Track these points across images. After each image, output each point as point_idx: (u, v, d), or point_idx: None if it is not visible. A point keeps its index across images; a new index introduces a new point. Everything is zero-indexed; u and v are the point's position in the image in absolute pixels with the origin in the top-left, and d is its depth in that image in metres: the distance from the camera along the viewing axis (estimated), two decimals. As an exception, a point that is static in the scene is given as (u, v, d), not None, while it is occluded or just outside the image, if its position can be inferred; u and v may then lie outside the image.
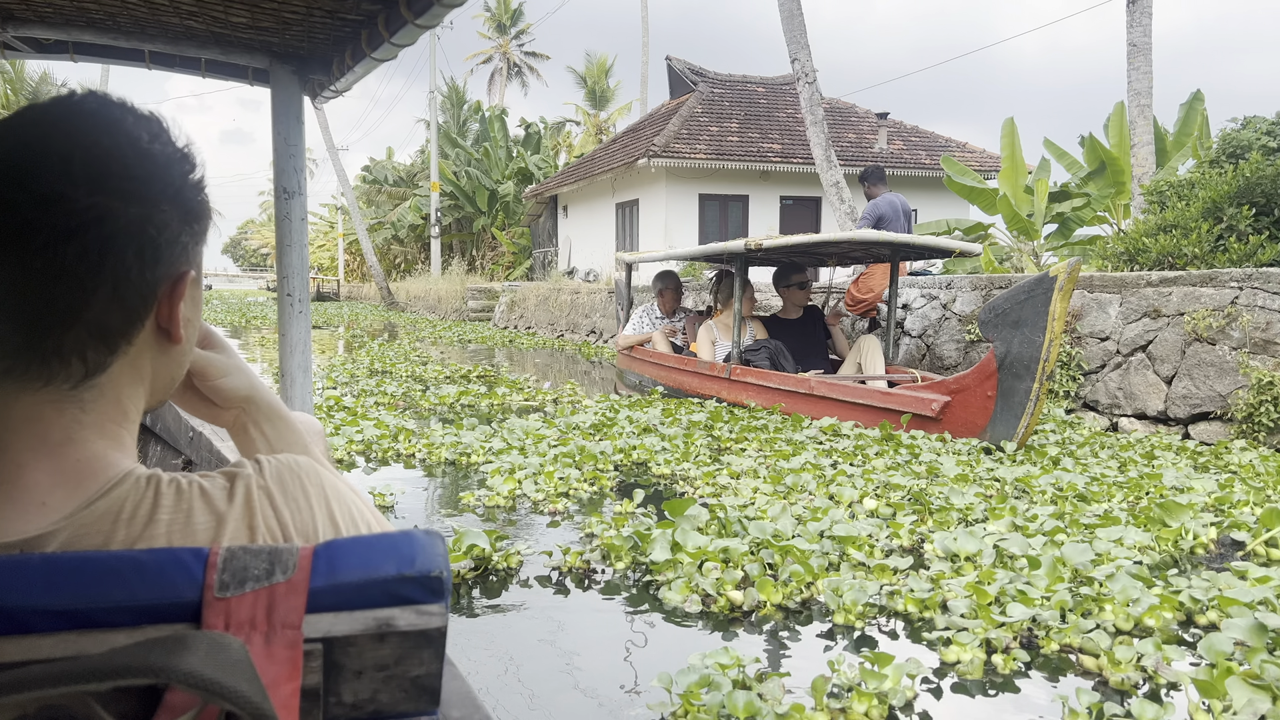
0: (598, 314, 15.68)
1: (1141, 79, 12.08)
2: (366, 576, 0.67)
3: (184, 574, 0.63)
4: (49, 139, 0.68)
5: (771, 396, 7.00)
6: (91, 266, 0.68)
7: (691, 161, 19.90)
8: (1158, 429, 6.34)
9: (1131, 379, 6.58)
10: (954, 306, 8.33)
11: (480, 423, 6.27)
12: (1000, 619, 2.45)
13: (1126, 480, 4.60)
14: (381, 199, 37.17)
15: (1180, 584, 2.90)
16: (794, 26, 14.14)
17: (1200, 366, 6.15)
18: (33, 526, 0.67)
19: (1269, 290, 5.94)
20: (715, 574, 2.87)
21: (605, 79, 40.58)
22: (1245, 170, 8.24)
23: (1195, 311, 6.25)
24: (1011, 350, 5.49)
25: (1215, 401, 6.02)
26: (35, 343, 0.69)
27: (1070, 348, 7.02)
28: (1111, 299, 6.91)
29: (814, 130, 13.99)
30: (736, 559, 3.02)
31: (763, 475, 4.45)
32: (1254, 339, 5.89)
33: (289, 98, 2.50)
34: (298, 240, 2.54)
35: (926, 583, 2.89)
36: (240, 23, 2.22)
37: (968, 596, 2.64)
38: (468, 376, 9.96)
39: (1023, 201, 14.40)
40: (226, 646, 0.59)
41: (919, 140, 22.44)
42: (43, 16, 2.28)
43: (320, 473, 0.78)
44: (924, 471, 4.68)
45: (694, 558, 3.00)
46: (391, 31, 2.03)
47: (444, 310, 25.45)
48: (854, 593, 2.65)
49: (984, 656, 2.35)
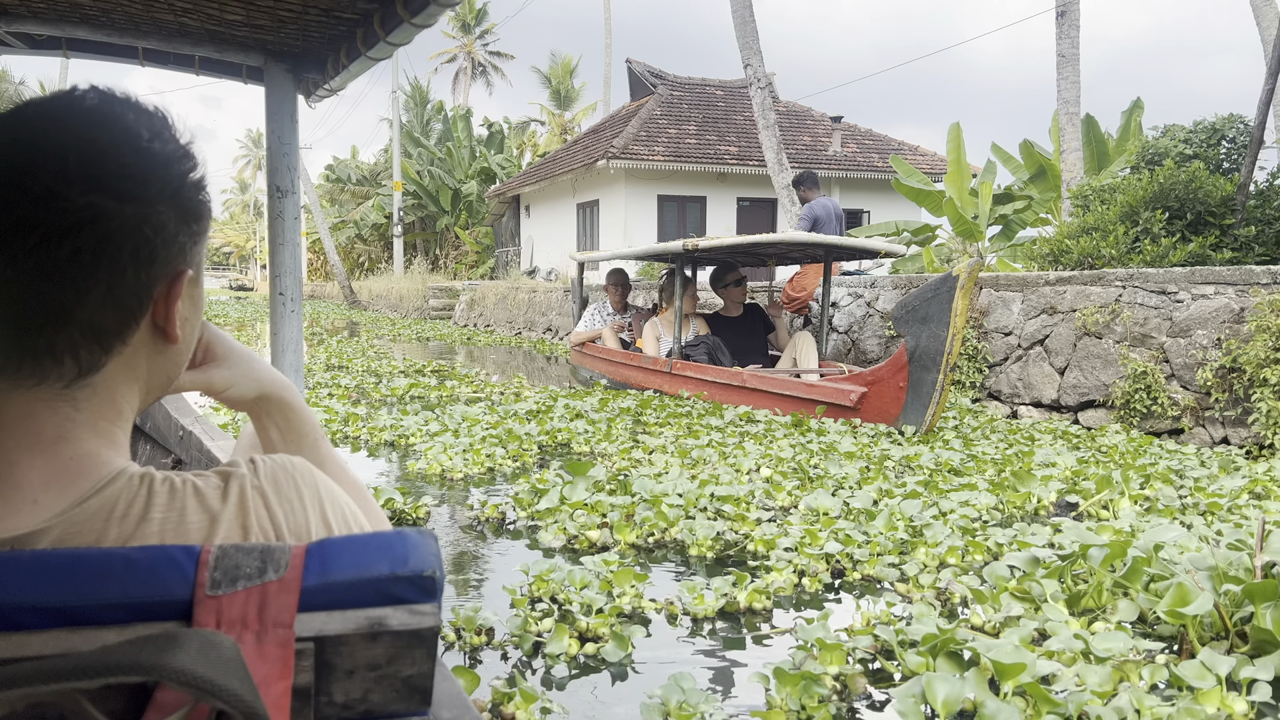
0: (554, 312, 16.19)
1: (1070, 88, 12.76)
2: (359, 575, 0.68)
3: (176, 572, 0.64)
4: (46, 135, 0.68)
5: (708, 388, 7.55)
6: (85, 266, 0.68)
7: (650, 163, 20.47)
8: (1051, 416, 6.97)
9: (1030, 370, 7.21)
10: (877, 304, 8.95)
11: (425, 410, 6.78)
12: (812, 551, 3.02)
13: (1001, 457, 5.20)
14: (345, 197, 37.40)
15: (993, 533, 3.48)
16: (747, 33, 14.63)
17: (1088, 358, 6.79)
18: (24, 524, 0.67)
19: (1148, 289, 6.59)
20: (582, 518, 3.43)
21: (570, 79, 41.10)
22: (1160, 176, 8.92)
23: (1085, 308, 6.88)
24: (920, 344, 6.05)
25: (1100, 390, 6.66)
26: (27, 341, 0.69)
27: (977, 342, 7.64)
28: (1015, 297, 7.55)
29: (766, 134, 14.55)
30: (603, 507, 3.59)
31: (671, 450, 5.00)
32: (1133, 333, 6.53)
33: (283, 96, 2.51)
34: (290, 239, 2.54)
35: (776, 528, 3.46)
36: (235, 20, 2.24)
37: (801, 538, 3.21)
38: (422, 371, 10.44)
39: (967, 204, 15.04)
40: (218, 645, 0.59)
41: (872, 143, 23.16)
42: (36, 13, 2.28)
43: (314, 474, 0.79)
44: (823, 449, 5.25)
45: (573, 507, 3.56)
46: (388, 30, 2.05)
47: (406, 309, 25.84)
48: (705, 530, 3.21)
49: (795, 580, 2.92)
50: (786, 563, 3.01)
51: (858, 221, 21.96)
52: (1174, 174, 8.86)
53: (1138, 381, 6.32)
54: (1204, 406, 6.05)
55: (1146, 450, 5.57)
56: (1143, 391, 6.29)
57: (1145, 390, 6.29)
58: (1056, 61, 12.86)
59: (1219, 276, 6.16)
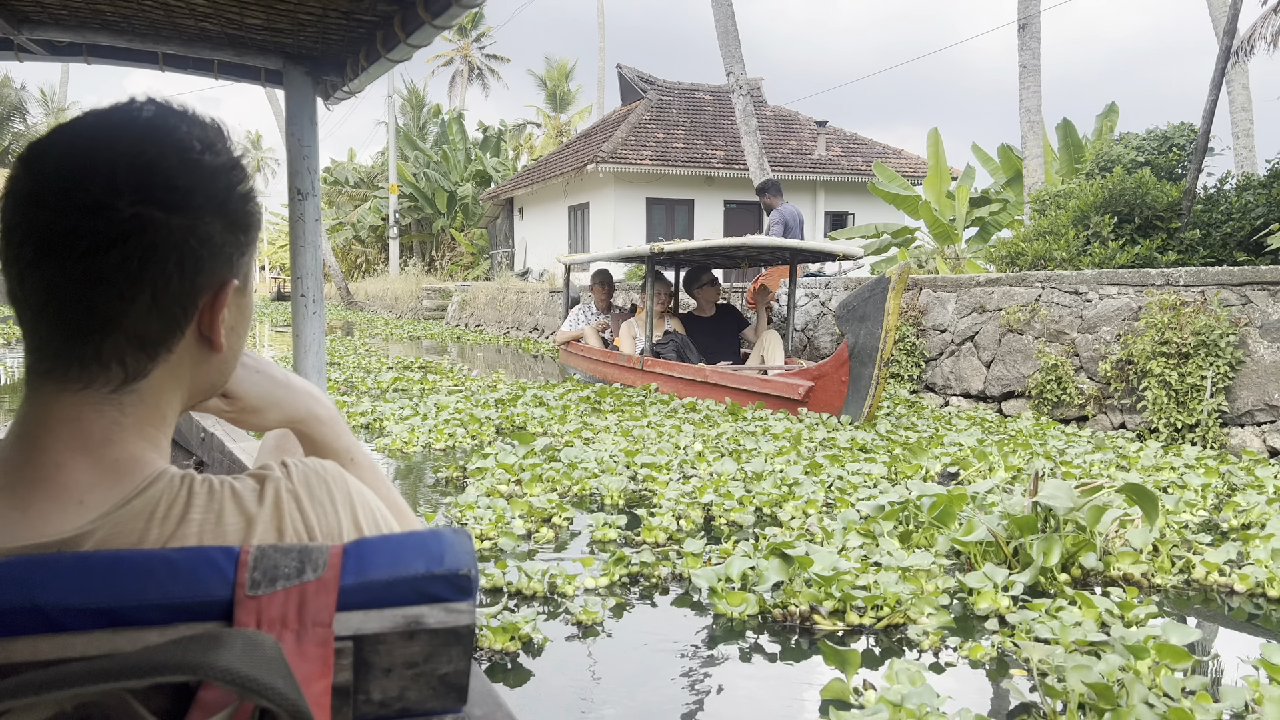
0: (540, 312, 16.94)
1: (1031, 97, 13.45)
2: (395, 574, 0.70)
3: (216, 572, 0.66)
4: (99, 147, 0.71)
5: (675, 384, 8.26)
6: (132, 275, 0.70)
7: (638, 167, 21.21)
8: (978, 405, 7.70)
9: (961, 364, 7.94)
10: (830, 304, 9.68)
11: (405, 400, 7.52)
12: (690, 499, 3.76)
13: (915, 439, 5.92)
14: (342, 200, 38.19)
15: (863, 492, 4.21)
16: (729, 42, 15.26)
17: (1011, 353, 7.51)
18: (70, 525, 0.69)
19: (1062, 290, 7.31)
20: (503, 476, 4.20)
21: (566, 82, 41.93)
22: (1109, 182, 9.60)
23: (1009, 307, 7.61)
24: (859, 341, 6.74)
25: (1020, 381, 7.38)
26: (75, 347, 0.71)
27: (916, 339, 8.37)
28: (950, 297, 8.27)
29: (748, 140, 15.23)
30: (516, 469, 4.34)
31: (614, 431, 5.74)
32: (1049, 330, 7.26)
33: (303, 99, 2.54)
34: (311, 241, 2.58)
35: (683, 485, 4.20)
36: (255, 24, 2.28)
37: (688, 491, 3.95)
38: (409, 367, 11.18)
39: (945, 207, 15.72)
40: (261, 644, 0.61)
41: (858, 147, 23.89)
42: (57, 19, 2.32)
43: (346, 478, 0.81)
44: (755, 432, 5.97)
45: (500, 468, 4.32)
46: (408, 32, 2.09)
47: (400, 309, 26.62)
48: (618, 483, 3.94)
49: (674, 521, 3.66)
50: (669, 510, 3.75)
51: (843, 223, 22.69)
52: (1123, 180, 9.54)
53: (1050, 373, 7.04)
54: (1105, 396, 6.77)
55: (1046, 433, 6.29)
56: (1054, 382, 7.02)
57: (1056, 381, 7.01)
58: (1019, 72, 13.53)
59: (1121, 278, 6.88)
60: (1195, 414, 6.07)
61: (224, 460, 2.38)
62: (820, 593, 2.75)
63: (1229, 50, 9.13)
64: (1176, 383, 6.16)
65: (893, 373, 8.49)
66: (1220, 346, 6.00)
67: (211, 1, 2.11)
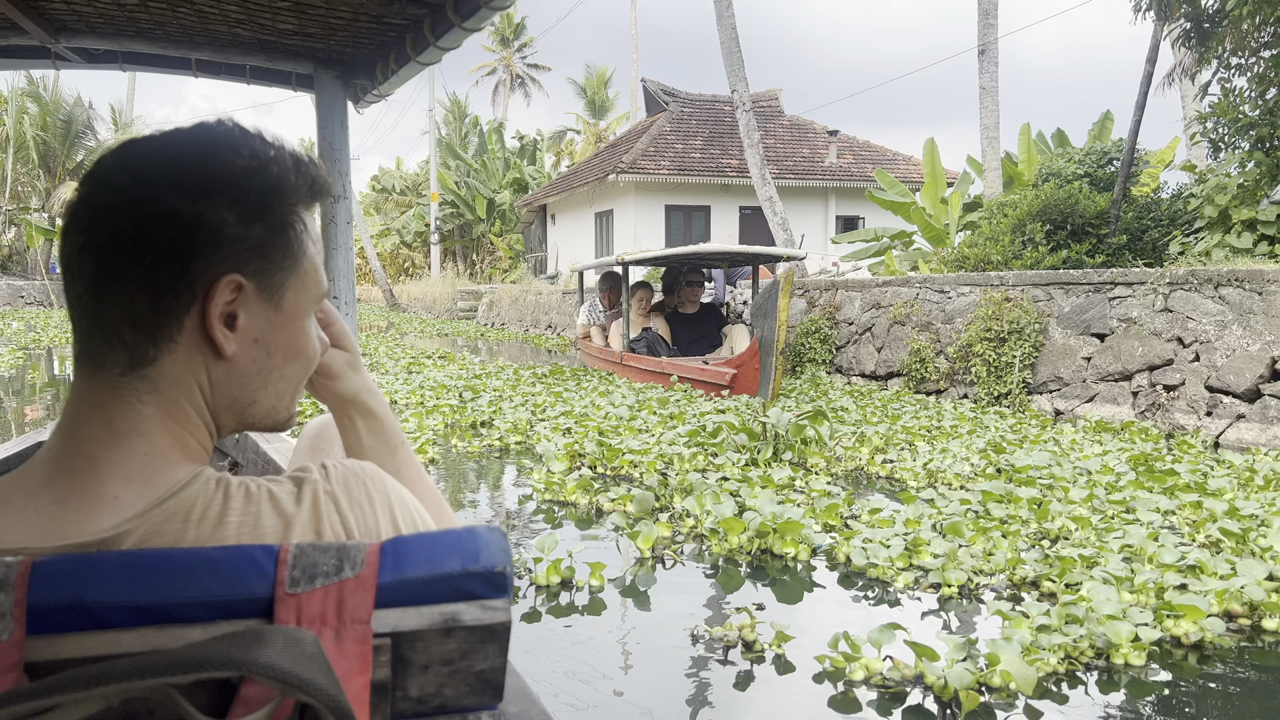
0: (554, 312, 19.23)
1: (990, 116, 15.29)
2: (432, 572, 0.73)
3: (256, 570, 0.69)
4: (140, 146, 0.77)
5: (644, 375, 10.28)
6: (122, 248, 0.73)
7: (656, 176, 23.34)
8: (870, 383, 9.72)
9: (860, 350, 9.97)
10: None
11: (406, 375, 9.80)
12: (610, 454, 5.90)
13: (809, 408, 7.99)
14: (389, 206, 41.06)
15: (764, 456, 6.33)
16: (733, 61, 17.12)
17: (896, 341, 9.52)
18: (107, 524, 0.73)
19: (933, 289, 9.31)
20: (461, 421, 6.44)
21: (604, 90, 44.31)
22: (1043, 193, 11.31)
23: (896, 304, 9.62)
24: (764, 334, 8.76)
25: (900, 363, 9.39)
26: (83, 321, 0.76)
27: (829, 330, 10.41)
28: (856, 295, 10.31)
29: (751, 152, 17.15)
30: (470, 419, 6.56)
31: (548, 396, 7.96)
32: (922, 322, 9.26)
33: (333, 103, 2.59)
34: (343, 243, 2.62)
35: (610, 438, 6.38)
36: (287, 30, 2.32)
37: (605, 445, 6.10)
38: (430, 356, 13.49)
39: (939, 212, 17.49)
40: (302, 640, 0.64)
41: (869, 154, 25.73)
42: (94, 27, 2.37)
43: (384, 479, 0.85)
44: (660, 400, 8.09)
45: (450, 415, 6.55)
46: (437, 35, 2.12)
47: (439, 310, 29.20)
48: (554, 443, 6.10)
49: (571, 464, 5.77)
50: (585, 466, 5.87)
51: (853, 227, 24.51)
52: (1055, 191, 11.23)
53: (916, 355, 9.05)
54: (954, 373, 8.76)
55: (901, 399, 8.31)
56: (919, 363, 9.02)
57: (921, 362, 9.02)
58: (979, 93, 15.35)
59: (971, 280, 8.86)
60: (1007, 385, 8.05)
61: (258, 461, 2.45)
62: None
63: (1149, 76, 10.79)
64: (995, 361, 8.14)
65: (810, 358, 10.52)
66: (1027, 333, 7.97)
67: (244, 8, 2.15)
